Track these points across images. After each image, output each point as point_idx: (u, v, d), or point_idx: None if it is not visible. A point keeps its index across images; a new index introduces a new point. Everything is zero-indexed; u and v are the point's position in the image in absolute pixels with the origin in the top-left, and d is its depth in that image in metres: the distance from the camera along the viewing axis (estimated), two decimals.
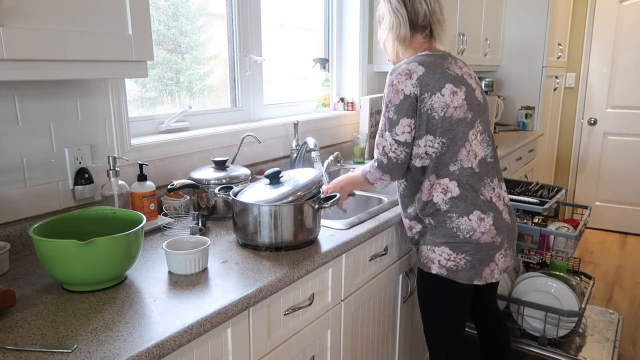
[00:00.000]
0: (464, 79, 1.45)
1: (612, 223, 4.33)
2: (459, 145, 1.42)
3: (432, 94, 1.38)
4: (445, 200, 1.45)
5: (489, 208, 1.46)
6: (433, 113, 1.39)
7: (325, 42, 2.61)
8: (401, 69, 1.40)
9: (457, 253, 1.47)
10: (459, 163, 1.42)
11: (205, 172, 1.57)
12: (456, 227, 1.45)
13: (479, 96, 1.49)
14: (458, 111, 1.40)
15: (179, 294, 1.05)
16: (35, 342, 0.87)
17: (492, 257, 1.48)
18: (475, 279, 1.48)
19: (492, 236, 1.46)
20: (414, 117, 1.40)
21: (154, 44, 1.31)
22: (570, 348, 2.23)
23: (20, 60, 0.94)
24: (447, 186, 1.44)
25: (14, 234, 1.25)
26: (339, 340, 1.47)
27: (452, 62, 1.48)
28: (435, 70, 1.40)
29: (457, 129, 1.40)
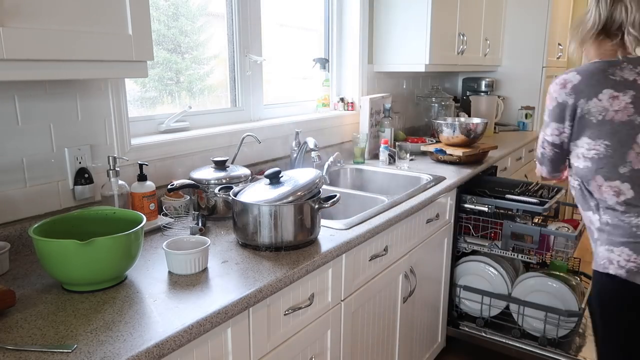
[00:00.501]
0: (637, 84, 1.45)
1: None
2: (626, 148, 1.43)
3: (589, 99, 1.44)
4: (619, 202, 1.45)
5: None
6: (590, 117, 1.44)
7: (325, 42, 2.61)
8: (559, 79, 1.50)
9: (638, 254, 1.43)
10: (629, 165, 1.43)
11: (205, 172, 1.57)
12: (636, 226, 1.43)
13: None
14: (620, 114, 1.43)
15: (179, 294, 1.05)
16: (35, 342, 0.87)
17: None
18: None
19: None
20: (563, 123, 1.50)
21: (154, 44, 1.31)
22: (570, 348, 2.23)
23: (20, 60, 0.94)
24: (620, 188, 1.45)
25: (14, 234, 1.25)
26: (339, 340, 1.47)
27: (625, 67, 1.47)
28: (593, 78, 1.46)
29: (621, 132, 1.43)
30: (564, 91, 1.48)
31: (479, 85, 3.54)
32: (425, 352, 2.17)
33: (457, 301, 2.39)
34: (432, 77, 3.49)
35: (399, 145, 2.34)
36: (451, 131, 2.49)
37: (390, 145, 2.52)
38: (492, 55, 3.54)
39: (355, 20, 2.57)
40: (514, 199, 2.19)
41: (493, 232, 2.26)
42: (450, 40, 2.81)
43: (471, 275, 2.34)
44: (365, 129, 2.53)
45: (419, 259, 1.93)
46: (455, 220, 2.25)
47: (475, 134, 2.46)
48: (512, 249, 2.25)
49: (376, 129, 2.61)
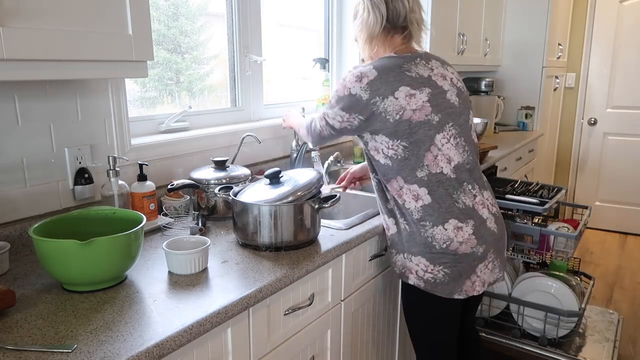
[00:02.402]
0: (431, 81, 1.39)
1: (612, 223, 4.33)
2: (423, 150, 1.35)
3: (385, 97, 1.34)
4: (417, 208, 1.37)
5: (469, 216, 1.37)
6: (387, 116, 1.34)
7: (325, 42, 2.61)
8: (356, 71, 1.38)
9: (435, 265, 1.37)
10: (426, 168, 1.36)
11: (205, 172, 1.57)
12: (431, 236, 1.36)
13: (452, 98, 1.41)
14: (417, 114, 1.34)
15: (179, 294, 1.05)
16: (35, 342, 0.87)
17: (474, 269, 1.39)
18: (455, 293, 1.39)
19: (471, 246, 1.37)
20: (351, 114, 1.37)
21: (154, 44, 1.31)
22: (570, 348, 2.23)
23: (20, 60, 0.94)
24: (418, 193, 1.37)
25: (14, 234, 1.25)
26: (339, 340, 1.47)
27: (419, 63, 1.41)
28: (389, 74, 1.35)
29: (418, 132, 1.34)
30: (359, 85, 1.35)
31: (479, 85, 3.54)
32: None
33: None
34: None
35: None
36: None
37: None
38: (492, 55, 3.54)
39: None
40: (514, 199, 2.19)
41: None
42: (450, 40, 2.81)
43: None
44: None
45: None
46: None
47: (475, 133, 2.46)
48: (512, 249, 2.25)
49: None
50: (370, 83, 1.34)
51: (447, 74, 1.44)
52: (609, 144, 4.26)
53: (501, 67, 3.79)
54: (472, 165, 1.43)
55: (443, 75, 1.42)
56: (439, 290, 1.39)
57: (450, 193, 1.36)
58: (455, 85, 1.44)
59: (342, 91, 1.39)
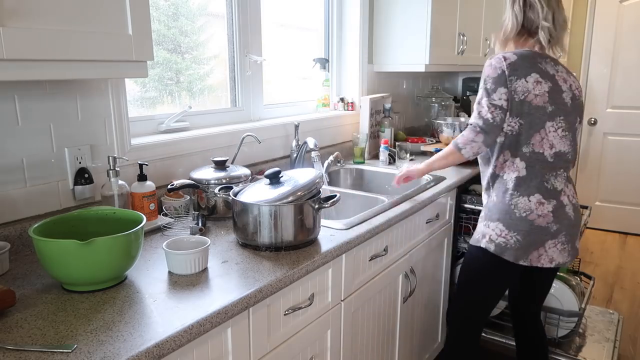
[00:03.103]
0: (555, 79, 1.57)
1: (612, 223, 4.33)
2: (534, 130, 1.53)
3: (518, 78, 1.53)
4: (512, 178, 1.56)
5: (552, 196, 1.54)
6: (514, 95, 1.53)
7: (325, 42, 2.61)
8: (498, 55, 1.58)
9: (510, 230, 1.54)
10: (531, 146, 1.54)
11: (205, 172, 1.57)
12: (514, 204, 1.54)
13: (567, 98, 1.58)
14: (538, 99, 1.53)
15: (179, 294, 1.05)
16: (35, 342, 0.87)
17: (543, 243, 1.54)
18: (521, 259, 1.55)
19: (548, 221, 1.53)
20: (507, 87, 1.54)
21: (154, 44, 1.31)
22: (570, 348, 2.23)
23: (20, 60, 0.94)
24: (517, 166, 1.55)
25: (14, 234, 1.25)
26: (339, 340, 1.47)
27: (548, 62, 1.60)
28: (526, 60, 1.55)
29: (534, 114, 1.53)
30: (504, 63, 1.55)
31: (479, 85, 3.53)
32: (425, 352, 2.17)
33: None
34: (432, 77, 3.50)
35: (399, 145, 2.34)
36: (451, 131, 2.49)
37: (390, 145, 2.52)
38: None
39: (355, 20, 2.57)
40: None
41: None
42: (450, 40, 2.81)
43: None
44: (365, 129, 2.53)
45: (419, 259, 1.93)
46: (455, 220, 2.25)
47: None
48: None
49: (376, 129, 2.61)
50: (511, 63, 1.55)
51: (569, 79, 1.63)
52: (609, 144, 4.26)
53: None
54: (570, 159, 1.60)
55: (564, 79, 1.61)
56: (506, 254, 1.56)
57: (544, 173, 1.55)
58: (572, 90, 1.62)
59: (494, 72, 1.56)
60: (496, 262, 1.59)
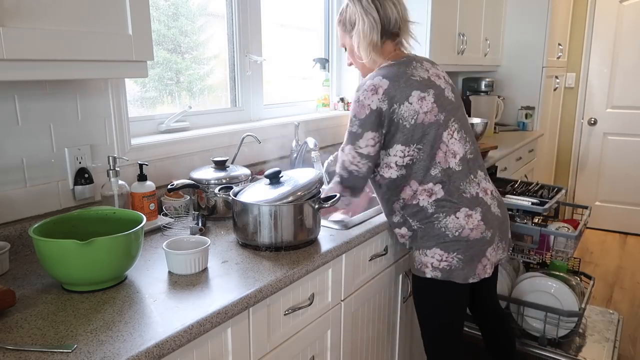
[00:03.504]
0: (432, 81, 1.45)
1: (612, 223, 4.33)
2: (435, 149, 1.42)
3: (401, 104, 1.39)
4: (430, 203, 1.45)
5: (476, 204, 1.47)
6: (404, 122, 1.39)
7: (325, 42, 2.61)
8: (366, 86, 1.41)
9: (449, 252, 1.46)
10: (439, 165, 1.44)
11: (205, 172, 1.57)
12: (444, 226, 1.45)
13: (450, 95, 1.49)
14: (429, 115, 1.41)
15: (179, 294, 1.05)
16: (35, 342, 0.87)
17: (484, 253, 1.49)
18: (470, 277, 1.48)
19: (481, 231, 1.46)
20: (378, 131, 1.41)
21: (154, 44, 1.31)
22: (570, 348, 2.23)
23: (20, 60, 0.94)
24: (432, 189, 1.44)
25: (14, 234, 1.25)
26: (339, 340, 1.47)
27: (417, 66, 1.47)
28: (400, 81, 1.40)
29: (430, 133, 1.41)
30: (376, 97, 1.39)
31: (479, 85, 3.54)
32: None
33: None
34: None
35: None
36: None
37: None
38: (492, 55, 3.54)
39: None
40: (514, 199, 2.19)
41: None
42: (450, 40, 2.81)
43: None
44: None
45: None
46: None
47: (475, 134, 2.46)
48: (512, 249, 2.25)
49: None
50: (385, 92, 1.39)
51: (440, 73, 1.52)
52: (609, 144, 4.26)
53: (501, 67, 3.79)
54: (474, 154, 1.52)
55: (437, 75, 1.50)
56: (454, 277, 1.48)
57: (458, 185, 1.45)
58: (448, 82, 1.53)
59: (361, 112, 1.40)
60: (448, 287, 1.50)
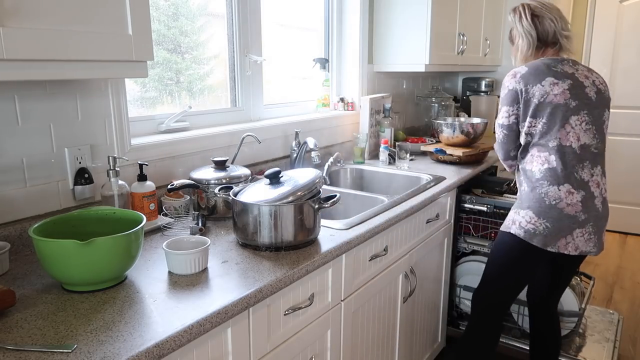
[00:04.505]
0: (574, 76, 1.66)
1: (612, 223, 4.33)
2: (559, 125, 1.61)
3: (533, 85, 1.64)
4: (541, 170, 1.64)
5: (581, 187, 1.61)
6: (534, 99, 1.64)
7: (325, 42, 2.61)
8: (509, 73, 1.71)
9: (539, 217, 1.61)
10: (558, 140, 1.62)
11: (205, 172, 1.57)
12: (545, 193, 1.62)
13: (591, 93, 1.65)
14: (558, 97, 1.62)
15: (179, 294, 1.05)
16: (35, 342, 0.87)
17: (571, 231, 1.61)
18: (549, 246, 1.61)
19: (576, 210, 1.60)
20: (512, 106, 1.69)
21: (154, 44, 1.31)
22: (570, 348, 2.23)
23: (20, 60, 0.94)
24: (547, 158, 1.63)
25: (14, 234, 1.25)
26: (339, 340, 1.47)
27: (565, 64, 1.69)
28: (538, 69, 1.66)
29: (557, 112, 1.61)
30: (514, 80, 1.68)
31: (479, 85, 3.54)
32: (425, 352, 2.17)
33: (457, 301, 2.39)
34: (432, 77, 3.50)
35: (399, 145, 2.34)
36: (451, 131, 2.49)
37: (390, 145, 2.52)
38: (492, 55, 3.54)
39: (355, 20, 2.57)
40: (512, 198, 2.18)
41: (493, 232, 2.26)
42: (450, 40, 2.81)
43: (471, 275, 2.34)
44: (365, 129, 2.53)
45: (419, 259, 1.93)
46: (455, 220, 2.25)
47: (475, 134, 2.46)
48: None
49: (376, 129, 2.61)
50: (522, 76, 1.66)
51: (591, 76, 1.70)
52: (609, 144, 4.25)
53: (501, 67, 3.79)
54: (598, 150, 1.67)
55: (586, 76, 1.69)
56: (535, 240, 1.63)
57: (573, 164, 1.62)
58: (596, 85, 1.69)
59: (502, 92, 1.72)
60: (524, 248, 1.65)
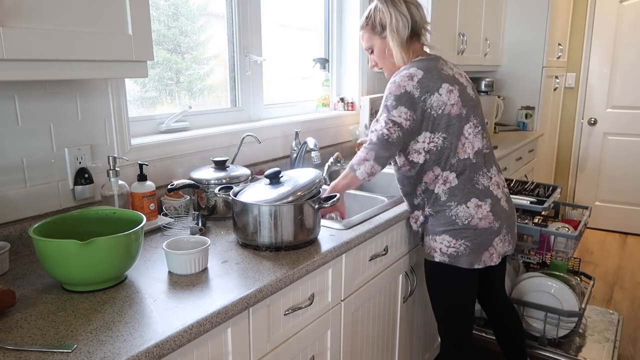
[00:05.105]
0: (456, 79, 1.58)
1: (612, 223, 4.33)
2: (456, 139, 1.54)
3: (431, 94, 1.50)
4: (444, 190, 1.56)
5: (486, 195, 1.57)
6: (432, 112, 1.51)
7: (325, 42, 2.61)
8: (403, 73, 1.53)
9: (457, 239, 1.56)
10: (457, 156, 1.55)
11: (205, 172, 1.57)
12: (455, 214, 1.56)
13: (471, 93, 1.62)
14: (455, 108, 1.52)
15: (179, 294, 1.05)
16: (35, 342, 0.87)
17: (491, 242, 1.58)
18: (475, 263, 1.58)
19: (489, 222, 1.56)
20: (410, 110, 1.50)
21: (154, 44, 1.31)
22: (570, 348, 2.23)
23: (20, 60, 0.94)
24: (447, 177, 1.56)
25: (14, 234, 1.25)
26: (339, 340, 1.47)
27: (443, 64, 1.60)
28: (432, 73, 1.53)
29: (454, 124, 1.53)
30: (411, 83, 1.50)
31: (479, 85, 3.54)
32: (425, 352, 2.17)
33: None
34: None
35: None
36: None
37: None
38: (492, 55, 3.54)
39: (355, 20, 2.57)
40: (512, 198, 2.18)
41: None
42: (450, 40, 2.81)
43: None
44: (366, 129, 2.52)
45: (419, 258, 1.93)
46: None
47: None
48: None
49: None
50: (420, 81, 1.51)
51: (461, 72, 1.65)
52: (609, 144, 4.25)
53: (501, 67, 3.79)
54: (489, 149, 1.64)
55: (459, 74, 1.63)
56: (461, 262, 1.58)
57: (472, 176, 1.57)
58: (469, 81, 1.65)
59: (397, 90, 1.51)
60: (454, 272, 1.61)
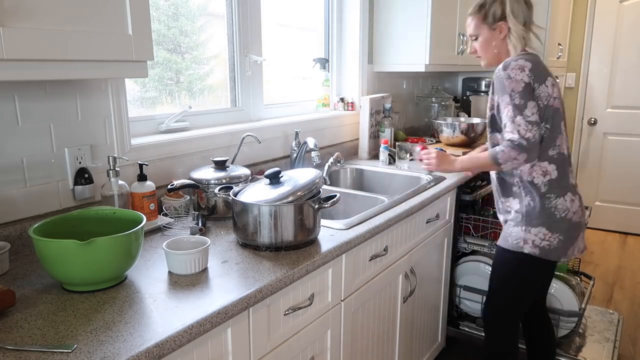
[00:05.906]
0: (553, 77, 1.62)
1: (612, 223, 4.33)
2: (557, 132, 1.59)
3: (540, 84, 1.56)
4: (544, 182, 1.59)
5: (575, 191, 1.65)
6: (539, 101, 1.56)
7: (325, 42, 2.61)
8: (513, 65, 1.56)
9: (553, 232, 1.59)
10: (557, 148, 1.59)
11: (205, 172, 1.57)
12: (554, 206, 1.59)
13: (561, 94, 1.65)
14: (556, 102, 1.58)
15: (179, 294, 1.05)
16: (35, 342, 0.87)
17: (577, 237, 1.64)
18: (562, 257, 1.63)
19: (580, 216, 1.63)
20: (534, 100, 1.56)
21: (154, 44, 1.31)
22: (570, 348, 2.23)
23: (20, 60, 0.94)
24: (547, 169, 1.59)
25: (14, 234, 1.25)
26: (339, 340, 1.47)
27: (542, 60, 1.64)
28: (539, 66, 1.59)
29: (555, 117, 1.58)
30: (524, 73, 1.55)
31: (479, 85, 3.54)
32: (425, 352, 2.17)
33: (457, 301, 2.39)
34: (432, 77, 3.49)
35: (399, 145, 2.34)
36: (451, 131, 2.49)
37: (390, 145, 2.52)
38: None
39: (355, 20, 2.57)
40: None
41: (493, 232, 2.26)
42: (450, 40, 2.81)
43: (471, 275, 2.34)
44: (366, 129, 2.53)
45: (419, 259, 1.93)
46: (455, 220, 2.25)
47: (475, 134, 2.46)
48: None
49: (376, 129, 2.61)
50: (531, 70, 1.55)
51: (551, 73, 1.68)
52: (609, 144, 4.25)
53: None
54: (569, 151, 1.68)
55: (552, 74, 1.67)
56: (551, 255, 1.62)
57: (567, 171, 1.63)
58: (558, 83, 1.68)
59: (518, 86, 1.54)
60: (539, 265, 1.64)
